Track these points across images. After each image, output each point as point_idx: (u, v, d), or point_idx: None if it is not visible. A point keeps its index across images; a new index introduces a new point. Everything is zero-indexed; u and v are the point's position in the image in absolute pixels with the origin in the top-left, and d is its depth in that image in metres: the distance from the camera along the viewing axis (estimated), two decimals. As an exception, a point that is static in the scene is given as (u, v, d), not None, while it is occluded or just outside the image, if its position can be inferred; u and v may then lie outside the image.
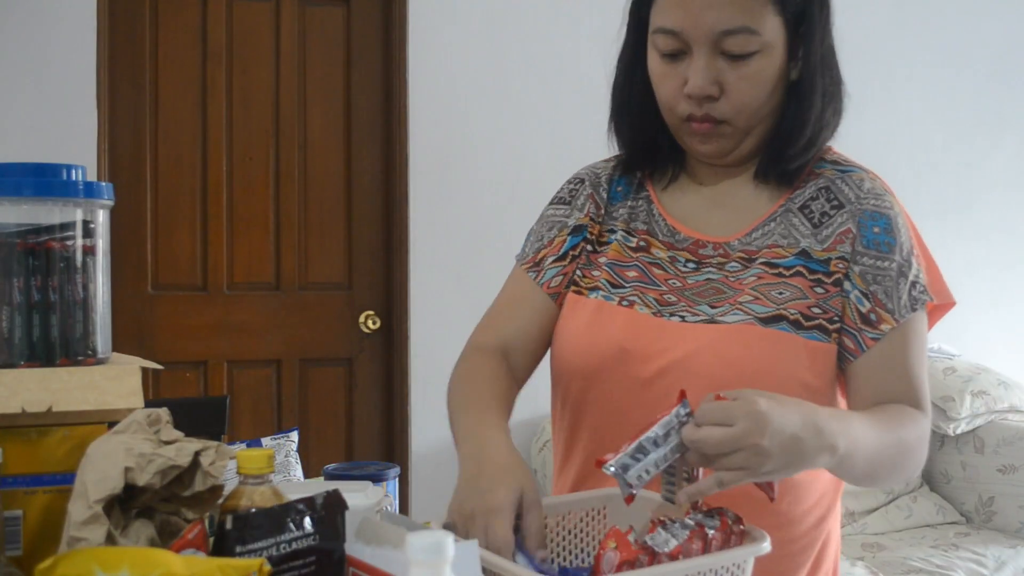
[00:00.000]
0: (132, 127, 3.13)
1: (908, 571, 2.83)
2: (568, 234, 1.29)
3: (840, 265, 1.16)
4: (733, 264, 1.19)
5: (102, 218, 1.13)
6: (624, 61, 1.25)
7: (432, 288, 3.28)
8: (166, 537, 0.95)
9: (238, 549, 0.82)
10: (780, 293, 1.15)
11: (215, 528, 0.86)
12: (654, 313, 1.18)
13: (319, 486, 1.07)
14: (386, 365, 3.33)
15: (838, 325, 1.14)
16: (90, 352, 1.10)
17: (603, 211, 1.30)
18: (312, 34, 3.28)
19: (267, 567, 0.78)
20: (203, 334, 3.20)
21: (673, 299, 1.19)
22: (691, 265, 1.22)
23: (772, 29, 1.13)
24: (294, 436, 2.47)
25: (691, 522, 0.90)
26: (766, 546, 0.91)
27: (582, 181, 1.33)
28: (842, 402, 1.20)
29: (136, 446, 0.92)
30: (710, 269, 1.20)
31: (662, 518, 0.91)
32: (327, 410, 3.31)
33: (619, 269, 1.23)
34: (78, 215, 1.10)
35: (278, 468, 2.32)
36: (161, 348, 3.11)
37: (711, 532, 0.89)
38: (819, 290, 1.15)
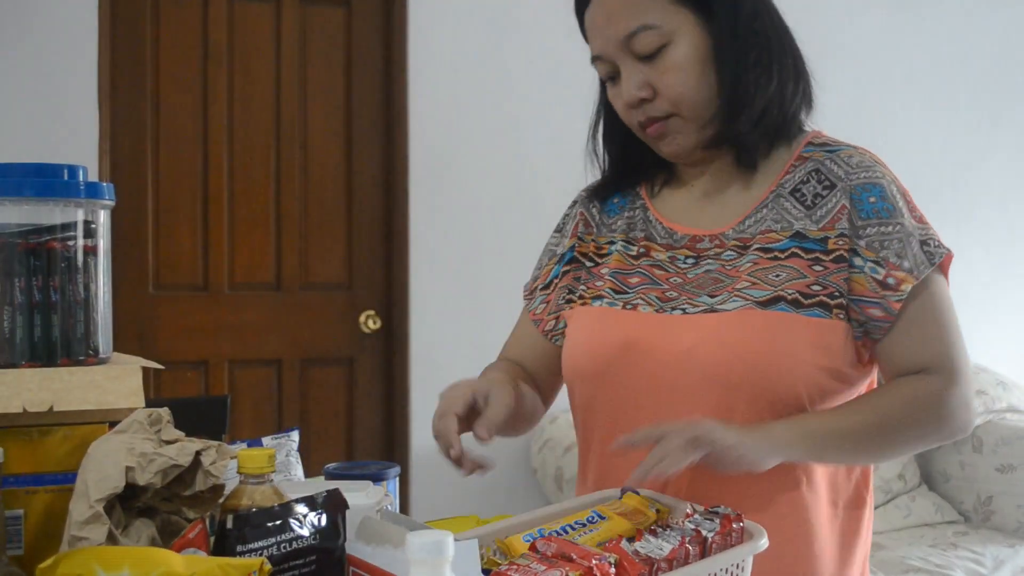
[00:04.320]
0: (133, 127, 3.13)
1: (907, 570, 2.84)
2: (556, 263, 1.36)
3: (840, 242, 1.15)
4: (729, 253, 1.21)
5: (103, 218, 1.14)
6: (598, 100, 1.35)
7: (432, 288, 3.29)
8: (167, 537, 0.95)
9: (239, 548, 0.82)
10: (776, 275, 1.15)
11: (216, 527, 0.86)
12: (656, 310, 1.20)
13: (319, 485, 1.08)
14: (386, 365, 3.34)
15: (840, 300, 1.13)
16: (91, 352, 1.10)
17: (593, 225, 1.35)
18: (313, 35, 3.28)
19: (268, 566, 0.78)
20: (204, 334, 3.20)
21: (674, 295, 1.21)
22: (690, 260, 1.23)
23: (672, 18, 1.17)
24: (295, 436, 2.47)
25: (690, 526, 0.90)
26: (763, 543, 0.91)
27: (574, 204, 1.40)
28: (866, 383, 1.21)
29: (137, 446, 0.92)
30: (708, 261, 1.22)
31: (653, 527, 0.91)
32: (328, 410, 3.31)
33: (622, 277, 1.26)
34: (79, 215, 1.10)
35: (279, 467, 2.32)
36: (162, 348, 3.12)
37: (709, 535, 0.89)
38: (817, 268, 1.15)
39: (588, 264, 1.33)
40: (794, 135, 1.25)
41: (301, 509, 0.86)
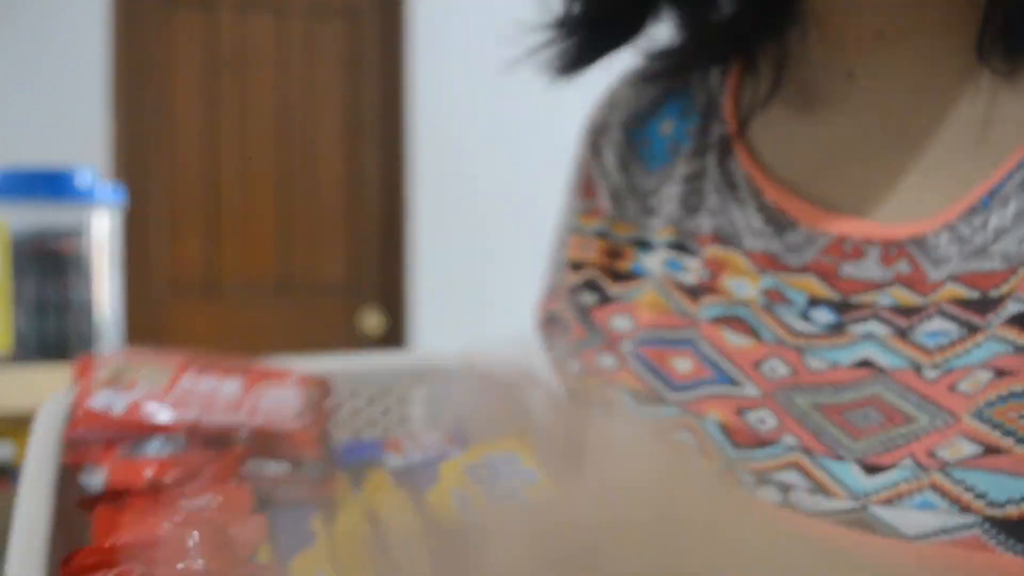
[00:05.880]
0: (143, 131, 3.16)
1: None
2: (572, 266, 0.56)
3: None
4: (933, 317, 0.41)
5: (113, 220, 1.16)
6: None
7: (434, 290, 3.31)
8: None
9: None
10: None
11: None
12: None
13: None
14: (390, 366, 3.35)
15: None
16: (101, 351, 1.12)
17: (624, 191, 0.54)
18: (316, 44, 3.31)
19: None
20: (210, 335, 3.23)
21: (769, 424, 0.43)
22: (825, 315, 0.44)
23: None
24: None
25: None
26: None
27: (593, 131, 0.61)
28: None
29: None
30: (873, 326, 0.42)
31: None
32: (332, 411, 3.33)
33: (658, 354, 0.48)
34: (89, 217, 1.12)
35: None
36: (169, 349, 3.14)
37: None
38: None
39: (602, 294, 0.53)
40: None
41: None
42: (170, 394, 0.43)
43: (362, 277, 3.36)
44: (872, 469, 0.40)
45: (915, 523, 0.37)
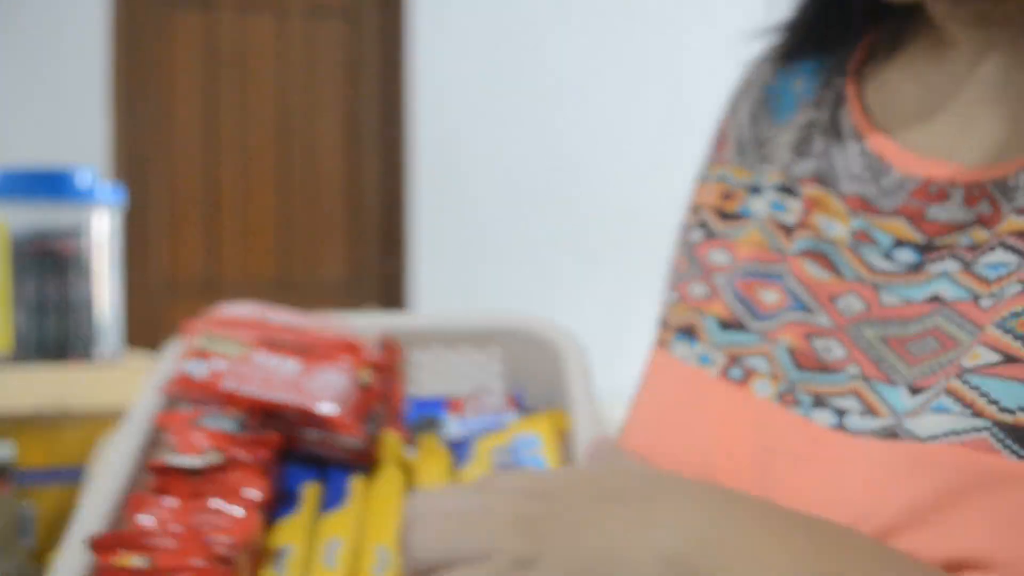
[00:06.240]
0: (142, 130, 3.16)
1: None
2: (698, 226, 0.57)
3: None
4: (996, 248, 0.42)
5: (113, 219, 1.16)
6: None
7: (433, 287, 3.31)
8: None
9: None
10: None
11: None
12: (781, 395, 0.46)
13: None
14: (390, 366, 3.36)
15: None
16: (102, 351, 1.12)
17: (748, 142, 0.57)
18: (316, 44, 3.31)
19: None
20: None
21: (836, 353, 0.45)
22: (907, 256, 0.45)
23: None
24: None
25: None
26: None
27: (737, 89, 0.61)
28: None
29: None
30: (949, 264, 0.43)
31: None
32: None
33: (748, 285, 0.51)
34: (89, 217, 1.12)
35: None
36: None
37: None
38: None
39: (708, 231, 0.56)
40: None
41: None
42: (241, 368, 0.50)
43: (362, 275, 3.36)
44: (917, 391, 0.42)
45: (928, 425, 0.39)
